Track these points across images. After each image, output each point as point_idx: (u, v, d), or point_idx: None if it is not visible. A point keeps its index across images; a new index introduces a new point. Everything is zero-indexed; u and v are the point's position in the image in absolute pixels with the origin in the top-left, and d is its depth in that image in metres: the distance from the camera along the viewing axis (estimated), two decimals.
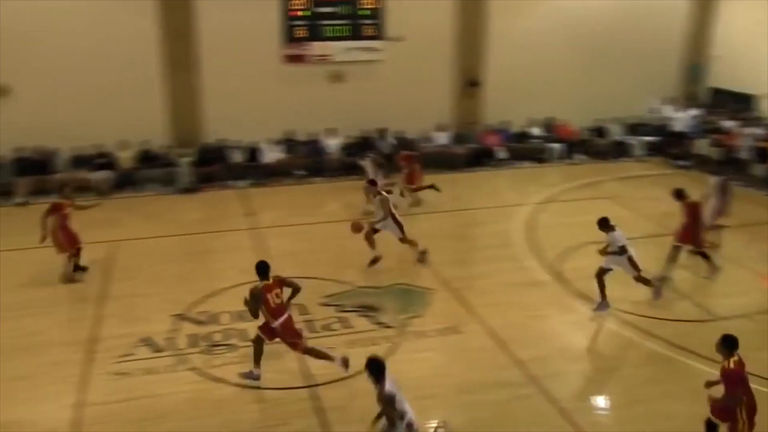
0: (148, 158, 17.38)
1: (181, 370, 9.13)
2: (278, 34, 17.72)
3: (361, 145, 18.34)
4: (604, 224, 10.41)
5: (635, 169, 19.23)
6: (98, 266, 12.39)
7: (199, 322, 10.33)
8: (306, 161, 18.14)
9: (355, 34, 18.23)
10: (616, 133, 20.61)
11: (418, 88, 18.67)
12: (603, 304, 10.61)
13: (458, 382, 8.84)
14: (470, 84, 19.54)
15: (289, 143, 18.37)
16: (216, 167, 17.51)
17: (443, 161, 18.78)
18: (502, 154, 19.48)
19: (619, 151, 20.33)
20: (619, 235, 10.36)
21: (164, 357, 9.43)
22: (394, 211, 12.18)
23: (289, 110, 18.00)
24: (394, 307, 10.74)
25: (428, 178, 16.03)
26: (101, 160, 17.02)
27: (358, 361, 9.13)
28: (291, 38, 17.85)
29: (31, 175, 16.46)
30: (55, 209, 11.53)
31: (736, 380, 6.70)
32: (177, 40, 17.30)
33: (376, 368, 6.73)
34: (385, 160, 16.41)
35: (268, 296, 8.39)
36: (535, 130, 20.22)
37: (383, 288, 11.44)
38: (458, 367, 9.25)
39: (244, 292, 8.60)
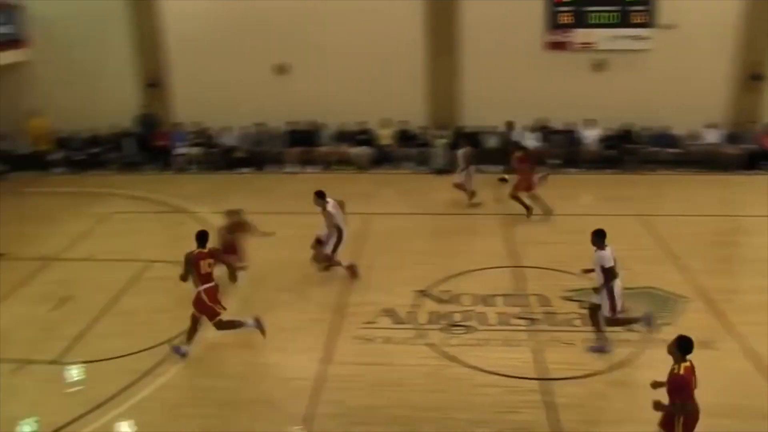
0: (405, 137, 18.10)
1: (418, 344, 9.43)
2: (541, 20, 17.46)
3: (621, 138, 17.51)
4: (599, 238, 8.75)
5: None
6: (352, 237, 13.16)
7: (441, 301, 10.58)
8: (561, 151, 17.69)
9: (623, 21, 17.38)
10: None
11: (689, 80, 17.31)
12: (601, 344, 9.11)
13: (704, 402, 8.09)
14: (754, 77, 17.68)
15: (544, 131, 18.03)
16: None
17: (712, 161, 17.29)
18: None
19: None
20: (608, 256, 8.68)
21: (404, 329, 9.81)
22: (342, 227, 11.22)
23: (546, 98, 17.64)
24: (642, 311, 10.13)
25: (693, 179, 14.69)
26: (362, 137, 18.08)
27: (599, 362, 8.82)
28: (554, 24, 17.51)
29: (300, 146, 17.99)
30: (237, 228, 11.41)
31: (679, 387, 6.21)
32: (441, 26, 17.74)
33: None
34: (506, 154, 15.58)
35: (201, 263, 8.86)
36: None
37: (632, 290, 10.77)
38: (706, 386, 8.38)
39: (490, 275, 8.62)
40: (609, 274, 8.67)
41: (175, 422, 8.03)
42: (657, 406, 6.36)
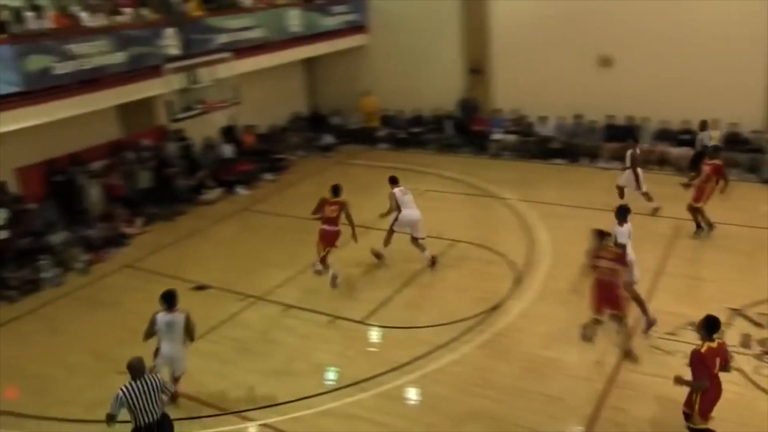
0: (734, 141, 16.40)
1: None
2: None
3: None
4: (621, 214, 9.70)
5: None
6: (659, 239, 12.42)
7: (757, 324, 9.52)
8: None
9: None
10: None
11: None
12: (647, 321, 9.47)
13: None
14: None
15: None
16: None
17: None
18: None
19: None
20: (622, 232, 9.50)
21: None
22: (402, 208, 11.88)
23: None
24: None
25: None
26: (684, 137, 16.77)
27: None
28: None
29: (617, 141, 17.20)
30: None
31: (694, 363, 6.73)
32: None
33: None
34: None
35: (326, 207, 11.26)
36: None
37: None
38: None
39: None
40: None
41: (461, 398, 8.39)
42: (676, 380, 6.91)
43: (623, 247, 9.24)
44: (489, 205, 15.08)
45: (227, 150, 17.93)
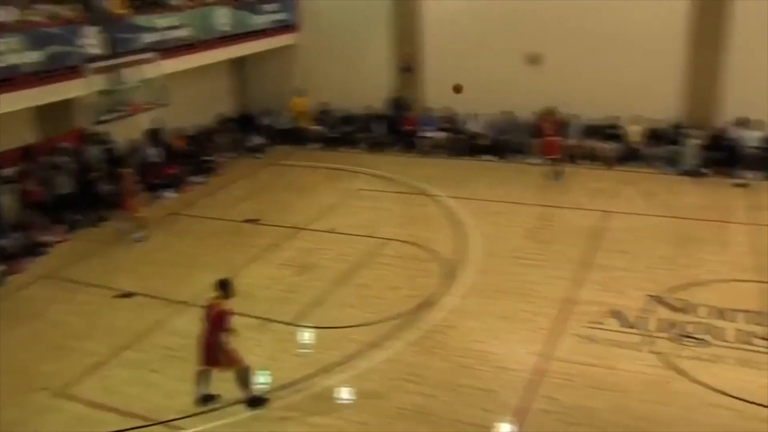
0: (656, 135, 16.98)
1: (644, 351, 8.96)
2: None
3: None
4: None
5: None
6: (587, 232, 12.79)
7: (675, 309, 9.91)
8: None
9: None
10: None
11: None
12: None
13: None
14: None
15: None
16: (726, 154, 16.14)
17: None
18: None
19: None
20: None
21: (631, 334, 9.35)
22: None
23: None
24: None
25: None
26: (611, 131, 17.24)
27: None
28: None
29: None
30: None
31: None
32: (707, 17, 16.25)
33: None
34: None
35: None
36: None
37: None
38: None
39: (733, 288, 7.92)
40: None
41: (395, 396, 8.39)
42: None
43: None
44: (420, 202, 15.17)
45: (153, 153, 17.49)
